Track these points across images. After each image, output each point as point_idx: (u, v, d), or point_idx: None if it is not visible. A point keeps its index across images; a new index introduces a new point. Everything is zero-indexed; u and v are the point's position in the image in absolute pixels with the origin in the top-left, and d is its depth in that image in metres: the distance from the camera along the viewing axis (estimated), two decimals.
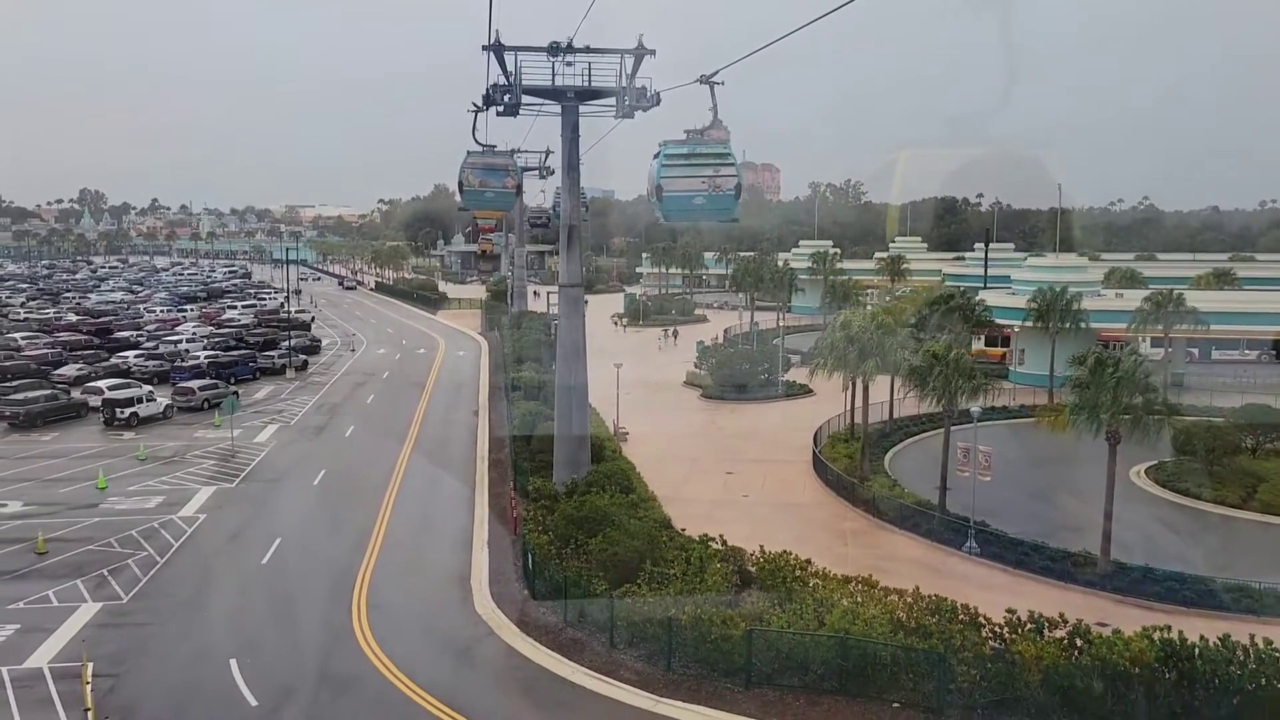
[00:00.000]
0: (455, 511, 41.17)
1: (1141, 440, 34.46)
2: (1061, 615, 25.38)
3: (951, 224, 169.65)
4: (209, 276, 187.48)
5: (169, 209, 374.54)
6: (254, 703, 24.76)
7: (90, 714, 23.76)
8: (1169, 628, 24.44)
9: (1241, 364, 70.79)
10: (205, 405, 61.55)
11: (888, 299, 75.11)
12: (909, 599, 27.06)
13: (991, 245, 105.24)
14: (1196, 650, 23.39)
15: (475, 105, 41.14)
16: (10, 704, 24.64)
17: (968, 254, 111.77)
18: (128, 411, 57.38)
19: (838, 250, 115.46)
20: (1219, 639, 23.84)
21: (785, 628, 25.93)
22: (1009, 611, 25.74)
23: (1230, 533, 38.04)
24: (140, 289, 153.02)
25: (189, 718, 24.19)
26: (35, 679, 26.00)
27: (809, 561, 29.68)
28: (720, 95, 32.91)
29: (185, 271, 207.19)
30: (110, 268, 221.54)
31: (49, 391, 59.98)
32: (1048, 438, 45.63)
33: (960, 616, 25.96)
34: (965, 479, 37.69)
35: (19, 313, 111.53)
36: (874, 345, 40.69)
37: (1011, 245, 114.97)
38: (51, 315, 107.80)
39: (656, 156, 33.28)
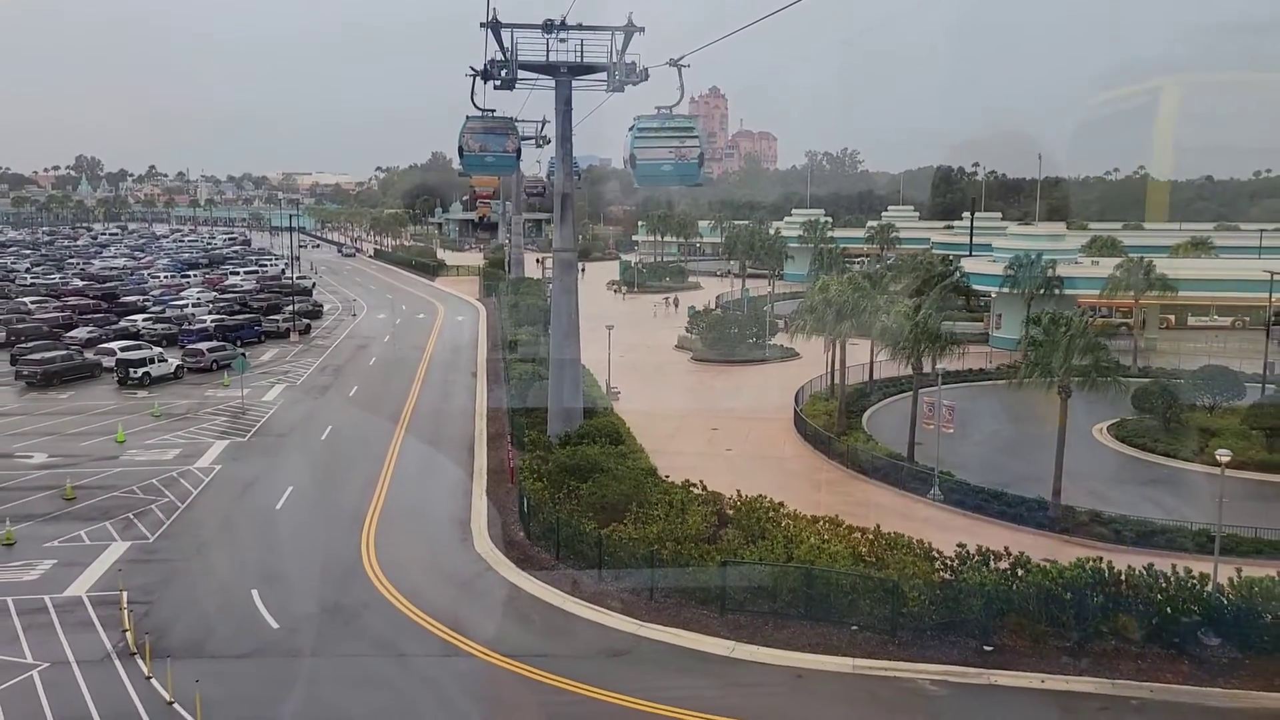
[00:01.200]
0: (456, 463, 43.78)
1: (1094, 396, 37.13)
2: (1006, 549, 28.04)
3: (947, 193, 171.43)
4: (209, 243, 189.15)
5: (166, 176, 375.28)
6: (275, 626, 27.44)
7: (129, 634, 26.46)
8: (1100, 558, 27.15)
9: (1229, 330, 73.10)
10: (214, 366, 63.98)
11: (876, 266, 77.30)
12: (870, 536, 29.72)
13: (980, 214, 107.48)
14: (1123, 577, 26.08)
15: (473, 70, 41.85)
16: (55, 626, 27.31)
17: (956, 223, 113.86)
18: (140, 371, 59.88)
19: (829, 219, 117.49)
20: (1144, 568, 26.54)
21: (757, 561, 28.58)
22: (959, 546, 28.40)
23: (1178, 483, 40.55)
24: (142, 255, 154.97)
25: (217, 637, 26.84)
26: (76, 605, 28.66)
27: (782, 504, 32.30)
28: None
29: (185, 238, 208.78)
30: (111, 234, 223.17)
31: (65, 352, 62.48)
32: (1018, 396, 48.16)
33: (915, 551, 28.61)
34: (939, 435, 40.36)
35: (25, 278, 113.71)
36: (850, 308, 43.15)
37: (999, 214, 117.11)
38: (58, 280, 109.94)
39: (631, 129, 37.09)
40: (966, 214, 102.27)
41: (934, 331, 39.46)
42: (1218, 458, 28.18)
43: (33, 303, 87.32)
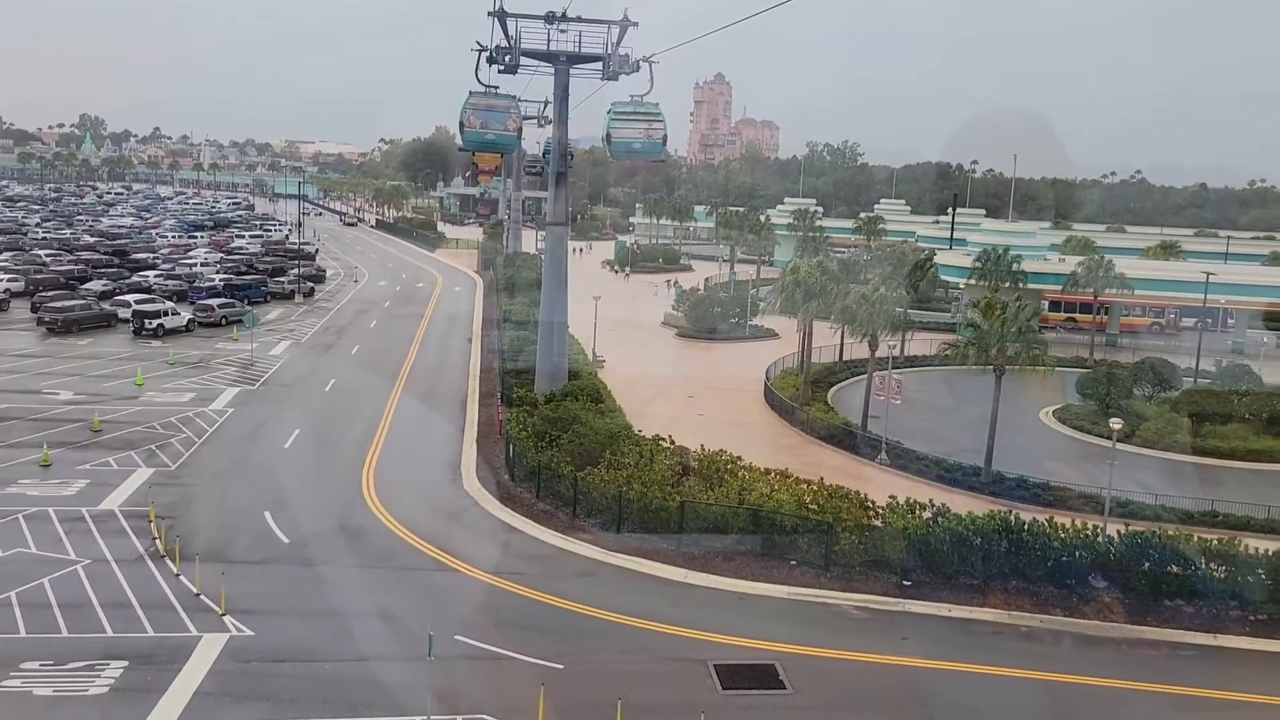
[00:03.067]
0: (449, 416, 47.59)
1: (1050, 383, 41.03)
2: (931, 501, 31.91)
3: (944, 189, 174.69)
4: (214, 207, 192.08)
5: (169, 138, 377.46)
6: (286, 540, 31.29)
7: (159, 541, 30.29)
8: (1010, 509, 31.06)
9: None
10: (223, 321, 67.67)
11: (853, 255, 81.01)
12: (815, 487, 33.57)
13: (965, 210, 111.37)
14: (1025, 526, 29.96)
15: (479, 45, 43.89)
16: (93, 532, 31.11)
17: (943, 217, 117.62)
18: (155, 323, 63.54)
19: (820, 209, 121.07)
20: (1045, 520, 30.45)
21: (712, 503, 32.42)
22: (891, 497, 32.31)
23: (1104, 459, 44.33)
24: (149, 215, 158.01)
25: (235, 547, 30.68)
26: (110, 517, 32.47)
27: (739, 457, 36.16)
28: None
29: (190, 201, 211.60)
30: (116, 194, 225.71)
31: (83, 302, 66.08)
32: (974, 380, 52.13)
33: (852, 500, 32.42)
34: (892, 410, 44.32)
35: (37, 232, 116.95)
36: (817, 289, 46.88)
37: (984, 210, 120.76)
38: (68, 236, 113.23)
39: (609, 112, 42.45)
40: (959, 209, 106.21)
41: (887, 313, 43.26)
42: (1111, 425, 32.10)
43: (47, 255, 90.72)
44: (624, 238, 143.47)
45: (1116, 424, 32.18)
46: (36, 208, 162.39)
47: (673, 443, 38.16)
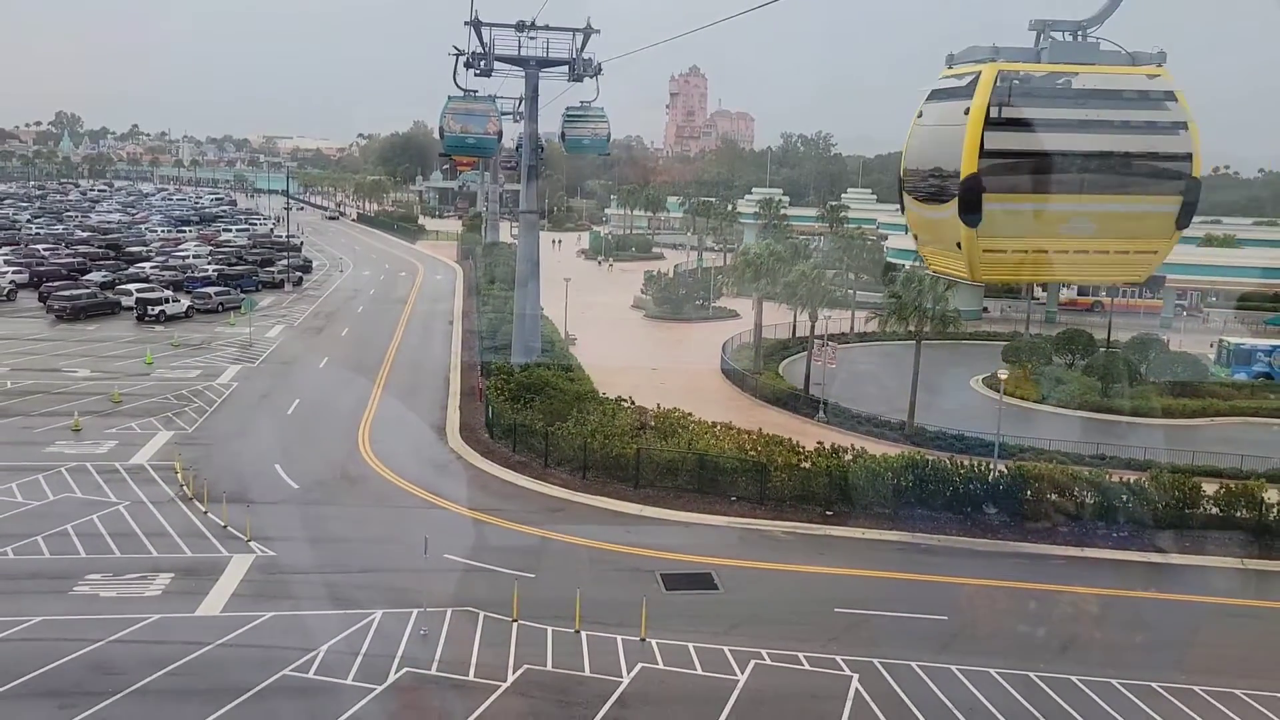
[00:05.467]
0: (434, 387, 52.49)
1: (984, 354, 46.22)
2: (852, 445, 37.13)
3: None
4: (197, 202, 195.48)
5: (148, 135, 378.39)
6: (295, 486, 36.20)
7: (186, 487, 35.12)
8: (919, 451, 36.31)
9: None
10: (219, 308, 72.29)
11: (816, 241, 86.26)
12: (754, 436, 38.75)
13: None
14: (929, 463, 35.20)
15: (456, 49, 47.85)
16: (128, 481, 35.91)
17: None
18: (157, 309, 68.09)
19: (785, 198, 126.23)
20: (948, 459, 35.71)
21: (665, 451, 37.52)
22: (819, 443, 37.51)
23: (1018, 417, 49.59)
24: (135, 211, 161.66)
25: (252, 491, 35.52)
26: (140, 469, 37.28)
27: (690, 414, 41.27)
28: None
29: (173, 197, 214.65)
30: (99, 191, 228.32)
31: (89, 290, 70.51)
32: (913, 352, 57.54)
33: (786, 446, 37.61)
34: (840, 378, 49.70)
35: (30, 228, 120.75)
36: (765, 269, 52.03)
37: None
38: (61, 231, 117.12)
39: (563, 115, 48.78)
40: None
41: (824, 289, 48.48)
42: (998, 375, 37.39)
43: (45, 249, 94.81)
44: (599, 228, 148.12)
45: (1003, 374, 37.51)
46: (25, 205, 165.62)
47: (633, 403, 43.23)
